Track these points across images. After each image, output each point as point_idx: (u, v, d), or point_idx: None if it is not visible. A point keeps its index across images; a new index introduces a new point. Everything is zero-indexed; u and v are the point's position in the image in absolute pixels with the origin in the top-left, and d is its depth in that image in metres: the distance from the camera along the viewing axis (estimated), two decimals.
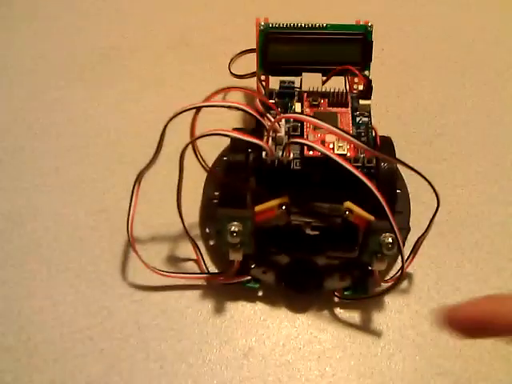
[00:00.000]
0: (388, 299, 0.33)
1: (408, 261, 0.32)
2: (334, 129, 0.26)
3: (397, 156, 0.33)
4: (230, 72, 0.41)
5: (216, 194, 0.35)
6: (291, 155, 0.29)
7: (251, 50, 0.38)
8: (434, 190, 0.29)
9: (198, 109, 0.29)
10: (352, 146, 0.29)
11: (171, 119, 0.28)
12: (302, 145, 0.28)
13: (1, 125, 0.41)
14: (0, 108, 0.42)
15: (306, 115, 0.29)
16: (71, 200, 0.37)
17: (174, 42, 0.47)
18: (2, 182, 0.38)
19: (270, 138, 0.29)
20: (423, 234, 0.31)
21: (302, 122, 0.30)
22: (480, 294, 0.32)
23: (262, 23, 0.34)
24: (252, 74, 0.39)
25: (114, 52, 0.46)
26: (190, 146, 0.30)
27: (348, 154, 0.29)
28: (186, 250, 0.34)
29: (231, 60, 0.41)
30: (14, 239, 0.35)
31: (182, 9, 0.50)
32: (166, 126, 0.28)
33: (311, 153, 0.28)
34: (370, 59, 0.34)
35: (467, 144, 0.41)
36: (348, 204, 0.28)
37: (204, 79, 0.44)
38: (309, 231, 0.29)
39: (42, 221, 0.36)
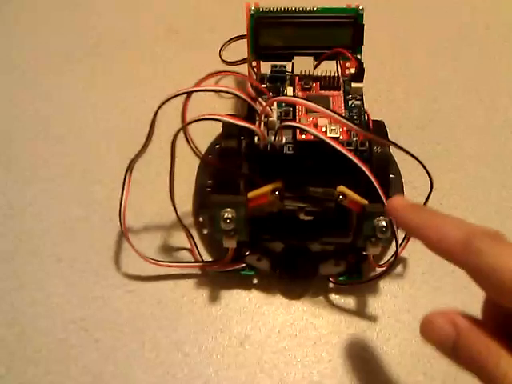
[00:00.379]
0: (383, 284, 0.33)
1: (402, 245, 0.32)
2: (327, 111, 0.26)
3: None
4: (221, 59, 0.41)
5: (209, 181, 0.34)
6: (283, 140, 0.29)
7: (242, 37, 0.37)
8: (427, 172, 0.29)
9: (189, 94, 0.28)
10: (344, 129, 0.28)
11: (161, 105, 0.28)
12: (295, 128, 0.28)
13: None
14: None
15: (298, 97, 0.29)
16: (62, 191, 0.36)
17: (164, 30, 0.47)
18: None
19: (262, 123, 0.29)
20: None
21: (294, 106, 0.30)
22: None
23: (253, 8, 0.33)
24: (243, 61, 0.38)
25: (104, 42, 0.46)
26: (182, 133, 0.29)
27: (341, 137, 0.28)
28: (179, 238, 0.34)
29: (222, 47, 0.41)
30: (5, 231, 0.34)
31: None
32: (156, 113, 0.28)
33: (304, 137, 0.28)
34: (361, 42, 0.33)
35: (460, 128, 0.41)
36: (341, 188, 0.28)
37: (195, 67, 0.43)
38: (302, 216, 0.29)
39: (33, 212, 0.35)
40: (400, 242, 0.31)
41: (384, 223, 0.28)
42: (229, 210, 0.28)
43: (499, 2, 0.50)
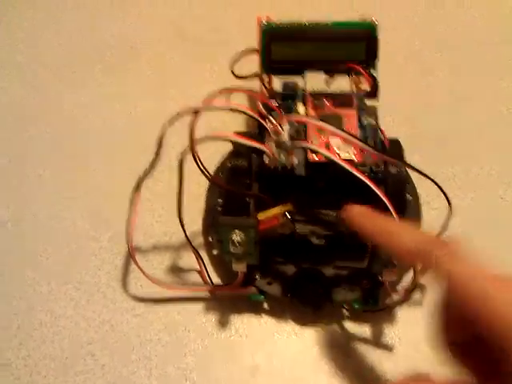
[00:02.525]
0: (400, 311, 0.31)
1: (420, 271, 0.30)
2: (339, 131, 0.25)
3: (406, 159, 0.31)
4: (232, 73, 0.40)
5: (219, 200, 0.33)
6: (295, 160, 0.28)
7: (253, 51, 0.37)
8: (447, 198, 0.27)
9: (197, 112, 0.27)
10: (358, 149, 0.27)
11: (169, 123, 0.27)
12: (306, 149, 0.27)
13: None
14: None
15: (311, 117, 0.28)
16: (71, 209, 0.36)
17: (175, 42, 0.46)
18: (2, 192, 0.37)
19: (273, 142, 0.28)
20: None
21: (305, 125, 0.29)
22: None
23: (264, 22, 0.33)
24: (255, 75, 0.38)
25: (113, 53, 0.45)
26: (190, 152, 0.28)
27: (354, 158, 0.27)
28: (188, 259, 0.33)
29: (234, 60, 0.40)
30: (13, 251, 0.34)
31: (183, 8, 0.49)
32: (164, 131, 0.27)
33: (316, 158, 0.27)
34: (375, 57, 0.32)
35: (480, 147, 0.39)
36: None
37: (206, 80, 0.43)
38: (315, 240, 0.28)
39: (42, 231, 0.35)
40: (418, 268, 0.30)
41: None
42: (238, 232, 0.27)
43: None
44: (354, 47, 0.31)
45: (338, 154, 0.27)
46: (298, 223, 0.27)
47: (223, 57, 0.40)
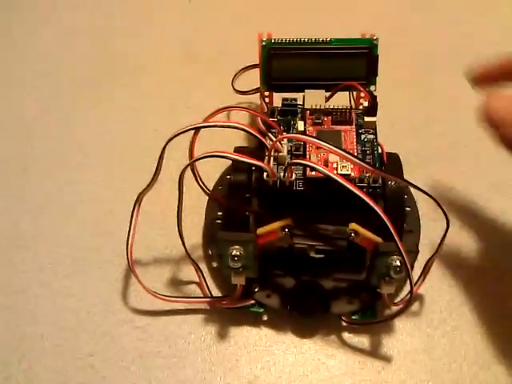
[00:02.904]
0: (398, 322, 0.31)
1: (418, 283, 0.31)
2: (337, 149, 0.25)
3: (405, 172, 0.31)
4: (233, 88, 0.40)
5: (219, 213, 0.34)
6: (293, 176, 0.28)
7: (254, 66, 0.37)
8: (444, 212, 0.28)
9: (198, 129, 0.28)
10: (356, 165, 0.28)
11: (169, 141, 0.27)
12: (304, 166, 0.27)
13: (3, 143, 0.41)
14: (3, 127, 0.42)
15: (308, 135, 0.29)
16: (74, 221, 0.36)
17: (178, 58, 0.47)
18: (5, 204, 0.37)
19: (272, 158, 0.29)
20: (433, 256, 0.30)
21: (304, 142, 0.29)
22: (495, 314, 0.31)
23: (264, 39, 0.33)
24: (256, 90, 0.38)
25: (118, 69, 0.46)
26: (190, 168, 0.29)
27: (352, 174, 0.28)
28: (188, 272, 0.33)
29: (234, 76, 0.40)
30: (16, 263, 0.34)
31: (186, 24, 0.50)
32: (164, 148, 0.28)
33: (314, 173, 0.27)
34: (375, 74, 0.33)
35: (481, 159, 0.39)
36: (353, 226, 0.27)
37: (209, 95, 0.44)
38: (313, 254, 0.28)
39: (45, 244, 0.35)
40: (415, 280, 0.30)
41: (398, 263, 0.26)
42: (237, 247, 0.27)
43: None
44: (354, 64, 0.32)
45: (336, 170, 0.27)
46: (296, 238, 0.28)
47: (226, 72, 0.41)
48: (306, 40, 0.33)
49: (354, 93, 0.34)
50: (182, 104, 0.43)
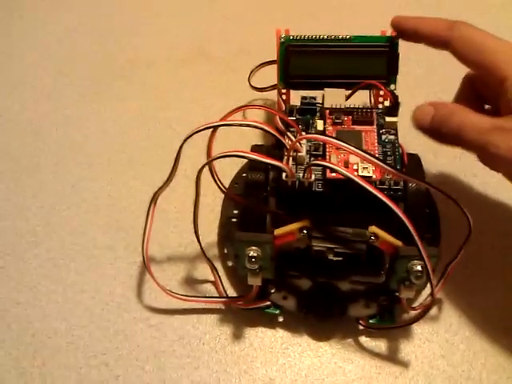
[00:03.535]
0: (416, 327, 0.31)
1: (438, 287, 0.30)
2: (358, 151, 0.25)
3: (425, 172, 0.31)
4: (250, 85, 0.40)
5: (235, 212, 0.33)
6: (312, 177, 0.28)
7: (271, 62, 0.36)
8: (466, 214, 0.27)
9: (215, 128, 0.27)
10: (377, 166, 0.27)
11: (186, 139, 0.27)
12: (325, 167, 0.27)
13: (16, 142, 0.41)
14: (15, 124, 0.42)
15: (328, 136, 0.28)
16: (87, 218, 0.36)
17: (193, 54, 0.46)
18: (18, 200, 0.37)
19: (291, 158, 0.28)
20: (454, 260, 0.29)
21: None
22: None
23: (283, 35, 0.33)
24: (273, 87, 0.38)
25: (131, 66, 0.46)
26: (207, 166, 0.28)
27: (373, 176, 0.27)
28: (203, 271, 0.33)
29: (251, 72, 0.40)
30: (29, 259, 0.34)
31: (200, 20, 0.49)
32: (181, 148, 0.27)
33: (334, 174, 0.27)
34: (396, 72, 0.32)
35: None
36: (373, 229, 0.27)
37: (224, 92, 0.43)
38: (332, 257, 0.28)
39: (58, 240, 0.35)
40: (435, 283, 0.30)
41: (419, 267, 0.26)
42: (254, 248, 0.27)
43: None
44: (374, 62, 0.31)
45: (357, 171, 0.27)
46: (314, 240, 0.27)
47: (242, 69, 0.41)
48: (326, 37, 0.32)
49: (374, 92, 0.34)
50: (196, 101, 0.43)
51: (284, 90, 0.34)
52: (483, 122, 0.26)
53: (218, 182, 0.30)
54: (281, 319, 0.30)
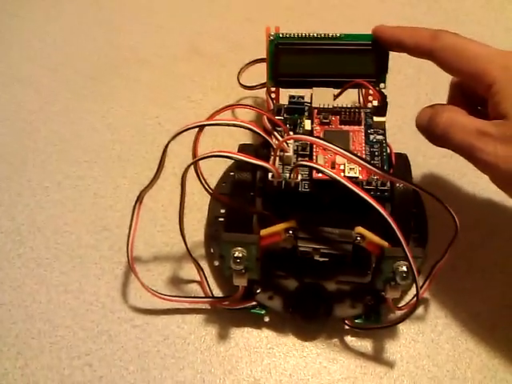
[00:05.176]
0: (402, 327, 0.31)
1: (424, 287, 0.30)
2: (344, 152, 0.24)
3: (413, 172, 0.31)
4: (239, 83, 0.39)
5: (222, 211, 0.33)
6: (299, 177, 0.27)
7: (261, 60, 0.36)
8: (452, 215, 0.27)
9: (202, 127, 0.27)
10: (364, 168, 0.27)
11: (172, 139, 0.27)
12: (312, 168, 0.27)
13: (3, 137, 0.40)
14: (3, 121, 0.41)
15: (315, 137, 0.28)
16: (73, 217, 0.36)
17: (184, 51, 0.46)
18: (3, 198, 0.37)
19: (277, 158, 0.28)
20: (440, 260, 0.29)
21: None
22: (501, 319, 0.31)
23: (272, 33, 0.32)
24: (262, 85, 0.37)
25: (122, 63, 0.45)
26: (193, 166, 0.28)
27: (360, 177, 0.27)
28: (189, 271, 0.33)
29: (240, 70, 0.39)
30: (13, 258, 0.34)
31: (192, 17, 0.49)
32: (166, 146, 0.27)
33: (320, 175, 0.27)
34: (385, 71, 0.32)
35: None
36: (359, 229, 0.26)
37: (213, 89, 0.43)
38: (318, 258, 0.27)
39: (42, 239, 0.35)
40: (421, 283, 0.30)
41: (405, 268, 0.26)
42: (239, 249, 0.26)
43: None
44: (364, 61, 0.31)
45: (343, 172, 0.27)
46: (300, 240, 0.27)
47: (232, 66, 0.40)
48: (315, 35, 0.32)
49: (363, 91, 0.34)
50: (186, 98, 0.42)
51: (273, 89, 0.34)
52: (471, 125, 0.26)
53: (204, 182, 0.30)
54: (267, 319, 0.30)
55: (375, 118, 0.29)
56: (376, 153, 0.29)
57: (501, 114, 0.25)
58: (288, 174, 0.27)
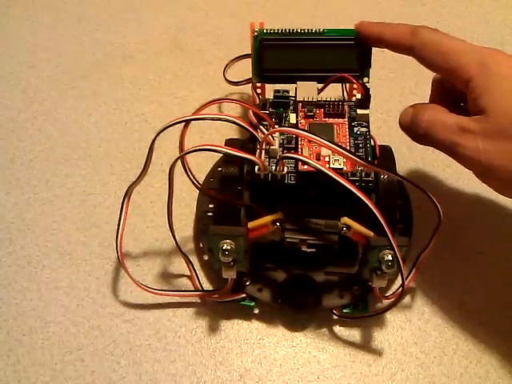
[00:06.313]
0: (389, 315, 0.31)
1: (410, 276, 0.31)
2: (329, 143, 0.25)
3: (398, 164, 0.31)
4: (225, 78, 0.40)
5: (210, 206, 0.34)
6: (285, 169, 0.28)
7: (246, 56, 0.36)
8: (436, 205, 0.28)
9: (188, 122, 0.27)
10: (348, 159, 0.27)
11: (158, 134, 0.27)
12: (296, 160, 0.27)
13: None
14: None
15: (300, 129, 0.28)
16: (62, 214, 0.36)
17: (168, 47, 0.46)
18: None
19: (263, 151, 0.28)
20: (425, 249, 0.30)
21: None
22: (487, 307, 0.31)
23: (256, 29, 0.33)
24: (247, 81, 0.38)
25: (107, 59, 0.45)
26: (180, 161, 0.28)
27: (344, 168, 0.27)
28: (179, 265, 0.33)
29: (226, 66, 0.40)
30: (3, 256, 0.34)
31: (176, 12, 0.49)
32: (153, 142, 0.27)
33: (306, 167, 0.27)
34: (369, 65, 0.32)
35: None
36: (345, 220, 0.27)
37: (199, 85, 0.43)
38: (305, 248, 0.28)
39: (32, 237, 0.35)
40: (407, 273, 0.30)
41: (390, 257, 0.26)
42: (228, 241, 0.27)
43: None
44: (347, 55, 0.31)
45: (328, 164, 0.27)
46: (288, 232, 0.27)
47: (218, 62, 0.41)
48: (299, 30, 0.32)
49: (347, 85, 0.34)
50: (171, 94, 0.42)
51: (259, 84, 0.34)
52: (452, 122, 0.26)
53: (191, 177, 0.30)
54: (256, 311, 0.31)
55: (359, 111, 0.30)
56: (360, 145, 0.29)
57: (479, 109, 0.25)
58: (274, 167, 0.28)
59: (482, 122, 0.25)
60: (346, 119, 0.30)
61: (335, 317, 0.31)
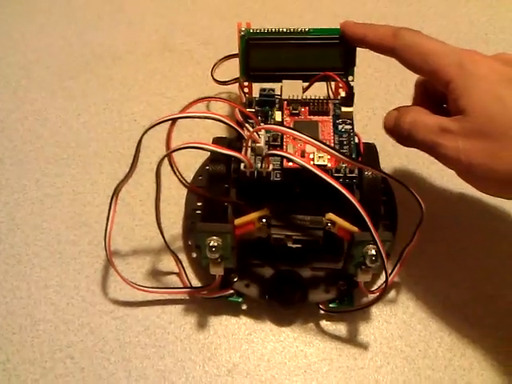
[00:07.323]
0: (375, 309, 0.32)
1: (394, 271, 0.31)
2: (313, 140, 0.25)
3: (382, 162, 0.32)
4: (213, 78, 0.40)
5: (199, 204, 0.34)
6: (270, 166, 0.28)
7: (234, 55, 0.37)
8: (418, 201, 0.28)
9: (174, 120, 0.28)
10: (333, 156, 0.28)
11: (144, 133, 0.27)
12: (281, 157, 0.28)
13: None
14: None
15: (285, 126, 0.29)
16: (51, 213, 0.36)
17: (157, 47, 0.46)
18: None
19: (249, 149, 0.29)
20: (409, 244, 0.30)
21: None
22: (470, 301, 0.32)
23: (243, 28, 0.33)
24: (235, 80, 0.38)
25: (96, 60, 0.45)
26: (167, 159, 0.29)
27: (329, 165, 0.28)
28: (168, 263, 0.34)
29: (214, 65, 0.40)
30: None
31: (164, 13, 0.49)
32: (140, 140, 0.28)
33: (291, 164, 0.28)
34: (353, 64, 0.33)
35: None
36: (330, 216, 0.28)
37: (188, 85, 0.43)
38: (290, 244, 0.28)
39: (22, 236, 0.35)
40: (391, 268, 0.31)
41: (373, 252, 0.27)
42: (215, 238, 0.27)
43: (497, 14, 0.49)
44: (331, 54, 0.32)
45: (313, 160, 0.28)
46: (274, 228, 0.28)
47: (206, 62, 0.41)
48: (285, 30, 0.33)
49: (333, 83, 0.35)
50: (160, 94, 0.43)
51: (246, 83, 0.35)
52: (433, 123, 0.27)
53: (179, 175, 0.30)
54: (244, 307, 0.31)
55: (343, 109, 0.30)
56: (344, 142, 0.30)
57: (459, 110, 0.26)
58: (260, 164, 0.28)
59: (461, 122, 0.26)
60: (331, 117, 0.30)
61: (322, 311, 0.31)
